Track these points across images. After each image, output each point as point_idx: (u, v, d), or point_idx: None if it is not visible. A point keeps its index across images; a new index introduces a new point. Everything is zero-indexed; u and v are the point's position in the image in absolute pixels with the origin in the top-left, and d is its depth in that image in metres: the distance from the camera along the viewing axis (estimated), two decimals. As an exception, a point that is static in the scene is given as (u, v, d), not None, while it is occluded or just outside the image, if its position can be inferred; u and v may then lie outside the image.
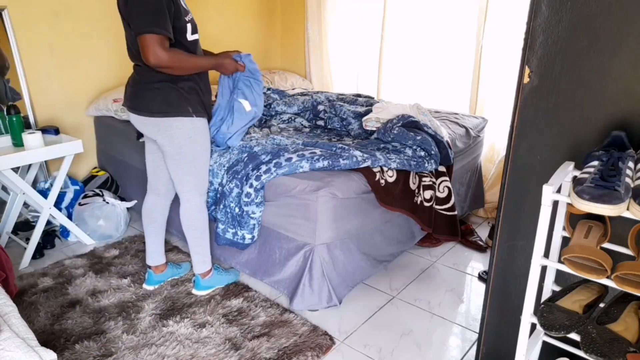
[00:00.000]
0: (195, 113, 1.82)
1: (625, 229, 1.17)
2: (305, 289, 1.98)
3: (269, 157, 2.07)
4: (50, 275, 2.26)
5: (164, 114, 1.78)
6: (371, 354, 1.81)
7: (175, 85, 1.78)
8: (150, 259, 2.15)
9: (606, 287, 1.21)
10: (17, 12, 2.58)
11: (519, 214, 1.35)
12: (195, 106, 1.83)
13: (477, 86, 3.01)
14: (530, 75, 1.23)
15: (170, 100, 1.77)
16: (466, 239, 2.67)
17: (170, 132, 1.81)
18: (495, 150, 3.08)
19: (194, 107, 1.82)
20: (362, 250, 2.11)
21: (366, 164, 2.02)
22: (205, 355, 1.74)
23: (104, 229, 2.64)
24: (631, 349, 1.02)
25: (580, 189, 1.00)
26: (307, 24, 3.87)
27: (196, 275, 2.13)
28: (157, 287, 2.17)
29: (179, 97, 1.78)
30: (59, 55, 2.79)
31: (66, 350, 1.76)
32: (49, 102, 2.81)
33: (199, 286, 2.12)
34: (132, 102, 1.83)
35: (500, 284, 1.45)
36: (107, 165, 3.08)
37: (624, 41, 1.09)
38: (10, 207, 2.57)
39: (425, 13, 3.19)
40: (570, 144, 1.22)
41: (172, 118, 1.78)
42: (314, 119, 2.83)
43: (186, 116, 1.80)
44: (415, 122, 2.34)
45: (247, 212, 2.05)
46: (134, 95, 1.83)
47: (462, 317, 2.04)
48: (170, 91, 1.77)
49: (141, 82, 1.80)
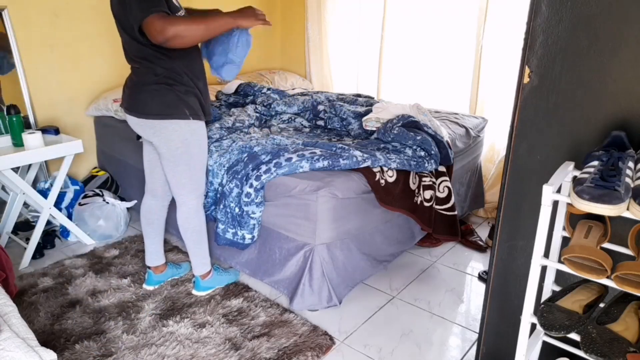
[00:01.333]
0: (192, 115, 1.81)
1: (625, 229, 1.17)
2: (305, 289, 1.98)
3: (269, 157, 2.07)
4: (50, 275, 2.26)
5: (160, 115, 1.77)
6: (371, 354, 1.81)
7: (171, 87, 1.77)
8: (149, 259, 2.15)
9: (606, 287, 1.21)
10: (17, 12, 2.58)
11: (519, 214, 1.35)
12: (192, 108, 1.82)
13: (477, 86, 3.01)
14: (530, 75, 1.23)
15: (167, 102, 1.77)
16: (466, 239, 2.67)
17: (166, 134, 1.80)
18: (495, 150, 3.07)
19: (190, 109, 1.81)
20: (362, 250, 2.11)
21: (366, 164, 2.02)
22: (205, 355, 1.74)
23: (104, 229, 2.64)
24: (631, 349, 1.02)
25: (580, 189, 1.00)
26: (307, 24, 3.87)
27: (196, 277, 2.13)
28: (157, 287, 2.17)
29: (175, 99, 1.78)
30: (59, 55, 2.79)
31: (66, 350, 1.76)
32: (49, 102, 2.81)
33: (199, 287, 2.12)
34: (129, 103, 1.83)
35: (500, 284, 1.45)
36: (107, 165, 3.08)
37: (624, 41, 1.09)
38: (10, 207, 2.57)
39: (425, 13, 3.19)
40: (570, 144, 1.22)
41: (168, 120, 1.78)
42: (314, 119, 2.83)
43: (183, 118, 1.79)
44: (415, 122, 2.34)
45: (247, 212, 2.05)
46: (130, 97, 1.82)
47: (462, 317, 2.05)
48: (167, 93, 1.77)
49: (138, 84, 1.79)
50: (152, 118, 1.78)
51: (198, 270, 2.10)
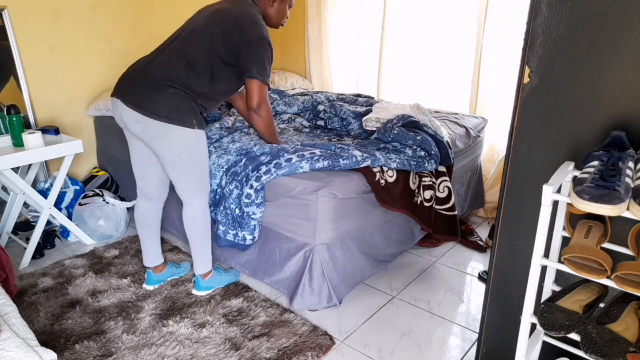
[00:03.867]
0: (198, 125, 1.85)
1: (625, 229, 1.17)
2: (305, 289, 1.98)
3: (269, 157, 2.07)
4: (50, 275, 2.26)
5: (170, 120, 1.78)
6: (371, 354, 1.81)
7: (187, 96, 1.82)
8: (148, 260, 2.15)
9: (606, 287, 1.21)
10: (17, 12, 2.58)
11: (519, 214, 1.35)
12: (200, 119, 1.87)
13: (477, 86, 3.01)
14: (530, 75, 1.23)
15: (179, 108, 1.80)
16: (466, 239, 2.67)
17: (169, 139, 1.80)
18: (495, 150, 3.07)
19: (198, 120, 1.86)
20: (362, 250, 2.11)
21: (366, 164, 2.02)
22: (205, 355, 1.74)
23: (104, 229, 2.64)
24: (631, 349, 1.02)
25: (580, 189, 1.00)
26: (307, 24, 3.87)
27: (196, 276, 2.13)
28: (157, 286, 2.17)
29: (188, 108, 1.82)
30: (59, 55, 2.79)
31: (66, 350, 1.76)
32: (49, 102, 2.81)
33: (199, 287, 2.12)
34: (137, 99, 1.78)
35: (500, 284, 1.45)
36: (107, 165, 3.08)
37: (624, 41, 1.09)
38: (10, 207, 2.57)
39: (425, 13, 3.19)
40: (570, 144, 1.22)
41: (175, 126, 1.79)
42: (314, 119, 2.83)
43: (189, 127, 1.82)
44: (415, 122, 2.34)
45: (247, 213, 2.05)
46: (142, 93, 1.79)
47: (462, 317, 2.05)
48: (181, 100, 1.81)
49: (156, 82, 1.79)
50: (161, 120, 1.77)
51: (199, 270, 2.10)
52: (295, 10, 3.99)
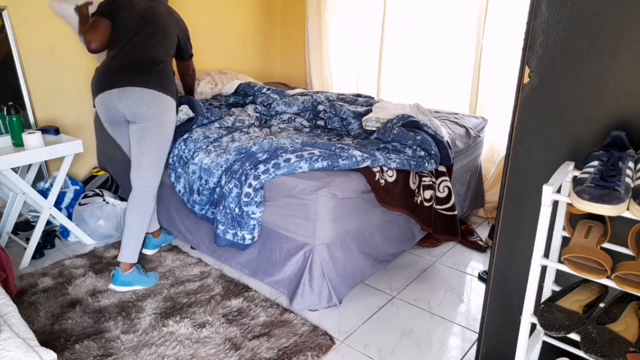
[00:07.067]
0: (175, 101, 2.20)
1: (625, 229, 1.17)
2: (305, 289, 1.98)
3: (266, 155, 2.07)
4: (50, 275, 2.26)
5: (165, 91, 2.10)
6: (371, 354, 1.81)
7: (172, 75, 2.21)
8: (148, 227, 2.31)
9: (606, 287, 1.21)
10: (17, 12, 2.58)
11: (519, 214, 1.35)
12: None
13: (477, 86, 3.01)
14: (530, 75, 1.24)
15: (169, 83, 2.15)
16: (466, 239, 2.68)
17: (164, 108, 2.09)
18: (495, 150, 3.08)
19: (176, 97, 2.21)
20: (362, 250, 2.11)
21: (366, 164, 2.01)
22: (205, 355, 1.74)
23: (104, 229, 2.64)
24: (631, 349, 1.02)
25: (580, 189, 1.00)
26: (307, 24, 3.87)
27: (116, 269, 2.12)
28: (155, 251, 2.45)
29: (173, 83, 2.19)
30: (59, 55, 2.79)
31: (66, 350, 1.76)
32: (49, 102, 2.81)
33: (118, 280, 2.10)
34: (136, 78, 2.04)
35: (500, 284, 1.45)
36: (107, 165, 3.08)
37: (624, 41, 1.09)
38: (10, 207, 2.57)
39: (425, 13, 3.19)
40: (570, 144, 1.22)
41: (168, 97, 2.11)
42: (314, 119, 2.83)
43: (174, 99, 2.16)
44: (415, 122, 2.34)
45: (247, 213, 2.05)
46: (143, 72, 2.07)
47: (462, 317, 2.05)
48: (169, 76, 2.17)
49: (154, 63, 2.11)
50: (160, 91, 2.07)
51: (125, 257, 2.10)
52: (295, 10, 4.00)
